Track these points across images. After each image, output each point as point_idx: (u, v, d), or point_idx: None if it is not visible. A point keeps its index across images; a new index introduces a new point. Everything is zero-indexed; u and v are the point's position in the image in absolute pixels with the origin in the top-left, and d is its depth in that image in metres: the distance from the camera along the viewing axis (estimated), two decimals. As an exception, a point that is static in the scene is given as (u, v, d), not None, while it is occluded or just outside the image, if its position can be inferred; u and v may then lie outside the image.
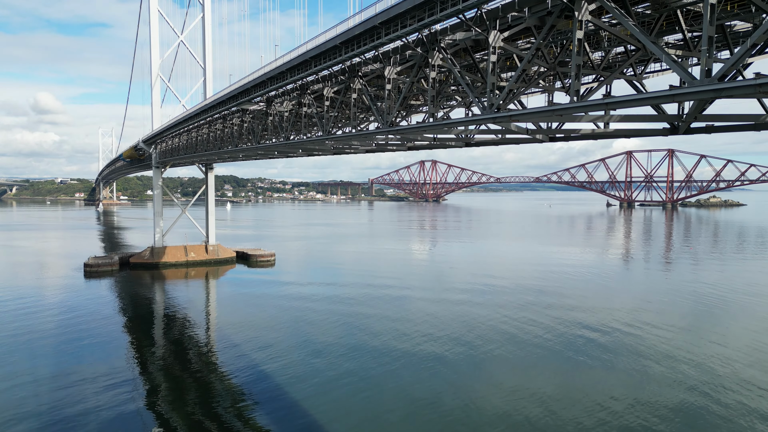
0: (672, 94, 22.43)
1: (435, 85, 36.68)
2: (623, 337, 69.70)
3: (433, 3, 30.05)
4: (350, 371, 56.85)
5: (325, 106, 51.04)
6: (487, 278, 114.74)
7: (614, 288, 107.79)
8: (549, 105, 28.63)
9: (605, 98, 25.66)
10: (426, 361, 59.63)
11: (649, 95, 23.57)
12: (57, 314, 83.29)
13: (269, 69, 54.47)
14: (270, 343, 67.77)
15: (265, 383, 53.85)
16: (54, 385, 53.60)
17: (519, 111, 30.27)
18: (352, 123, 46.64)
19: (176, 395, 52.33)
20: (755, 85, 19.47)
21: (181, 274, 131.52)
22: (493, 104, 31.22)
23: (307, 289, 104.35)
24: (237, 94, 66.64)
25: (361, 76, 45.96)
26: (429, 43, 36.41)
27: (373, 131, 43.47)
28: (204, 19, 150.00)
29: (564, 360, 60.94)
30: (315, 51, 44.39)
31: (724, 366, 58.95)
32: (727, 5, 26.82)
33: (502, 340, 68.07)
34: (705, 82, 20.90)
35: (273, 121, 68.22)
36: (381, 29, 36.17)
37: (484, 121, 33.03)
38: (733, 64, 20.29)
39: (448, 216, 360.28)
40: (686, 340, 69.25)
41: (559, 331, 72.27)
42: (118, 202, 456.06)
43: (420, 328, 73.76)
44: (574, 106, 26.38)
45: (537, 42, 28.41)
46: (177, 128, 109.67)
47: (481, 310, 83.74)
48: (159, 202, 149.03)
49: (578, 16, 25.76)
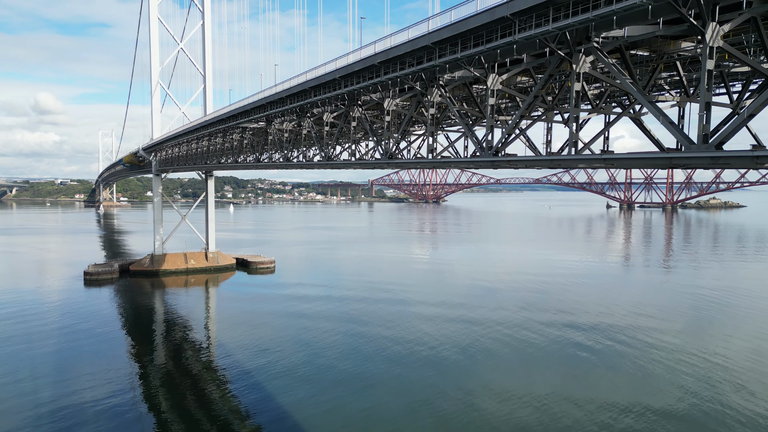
0: (669, 157, 22.54)
1: (433, 120, 36.80)
2: (625, 340, 69.94)
3: (431, 49, 30.10)
4: (348, 376, 57.60)
5: (324, 131, 51.16)
6: (488, 286, 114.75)
7: (614, 294, 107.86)
8: (547, 155, 28.73)
9: (603, 154, 25.74)
10: (434, 389, 59.82)
11: (647, 155, 23.68)
12: (56, 326, 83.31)
13: (269, 94, 54.61)
14: (268, 353, 68.41)
15: (263, 394, 54.45)
16: (54, 392, 54.58)
17: (516, 158, 30.37)
18: (352, 151, 46.80)
19: (175, 404, 53.05)
20: (752, 157, 19.59)
21: (181, 282, 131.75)
22: (491, 147, 31.34)
23: (306, 297, 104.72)
24: (237, 114, 66.76)
25: (361, 105, 46.07)
26: (428, 80, 36.49)
27: (373, 161, 43.64)
28: (204, 26, 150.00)
29: (565, 364, 61.22)
30: (314, 82, 44.52)
31: (724, 370, 59.32)
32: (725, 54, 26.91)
33: (503, 345, 68.44)
34: (702, 149, 21.02)
35: (273, 140, 68.32)
36: (380, 68, 36.24)
37: (482, 164, 33.15)
38: (730, 133, 20.40)
39: (448, 218, 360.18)
40: (688, 345, 69.53)
41: (560, 337, 72.47)
42: (118, 204, 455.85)
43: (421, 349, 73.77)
44: (572, 158, 26.48)
45: (536, 89, 28.48)
46: (177, 140, 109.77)
47: (487, 329, 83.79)
48: (159, 209, 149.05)
49: (576, 69, 25.85)
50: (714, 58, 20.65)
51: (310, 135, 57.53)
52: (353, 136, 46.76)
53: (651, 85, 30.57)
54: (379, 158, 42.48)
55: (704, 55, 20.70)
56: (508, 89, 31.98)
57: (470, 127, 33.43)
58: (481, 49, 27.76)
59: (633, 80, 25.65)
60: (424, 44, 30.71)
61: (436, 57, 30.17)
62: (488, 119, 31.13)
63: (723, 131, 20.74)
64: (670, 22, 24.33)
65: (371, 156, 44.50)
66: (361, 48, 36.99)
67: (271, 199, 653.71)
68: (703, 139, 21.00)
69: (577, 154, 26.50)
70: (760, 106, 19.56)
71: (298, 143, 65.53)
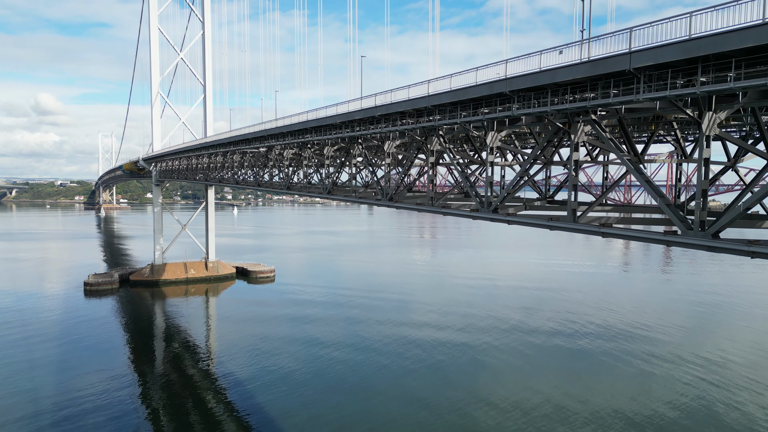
0: (667, 240, 22.82)
1: (433, 170, 37.11)
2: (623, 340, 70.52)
3: (431, 110, 30.34)
4: (346, 387, 58.61)
5: (325, 163, 51.51)
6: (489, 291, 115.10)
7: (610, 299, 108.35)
8: (547, 221, 28.96)
9: (601, 227, 26.03)
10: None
11: (646, 236, 23.97)
12: (57, 340, 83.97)
13: (270, 127, 54.94)
14: (266, 365, 69.93)
15: (260, 404, 55.47)
16: (55, 403, 55.65)
17: (515, 218, 30.65)
18: (352, 187, 47.13)
19: (174, 417, 54.12)
20: (749, 252, 19.87)
21: (181, 292, 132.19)
22: (491, 203, 31.63)
23: (305, 305, 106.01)
24: (237, 141, 67.04)
25: (361, 142, 46.33)
26: (428, 130, 36.71)
27: (374, 202, 43.91)
28: (204, 36, 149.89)
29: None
30: (314, 123, 44.80)
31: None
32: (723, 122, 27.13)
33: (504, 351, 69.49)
34: (699, 235, 21.31)
35: (274, 163, 68.60)
36: (380, 119, 36.49)
37: (481, 218, 33.44)
38: (726, 224, 20.68)
39: (448, 222, 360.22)
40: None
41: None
42: (118, 207, 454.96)
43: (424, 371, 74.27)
44: (570, 226, 26.77)
45: (533, 154, 28.80)
46: (177, 155, 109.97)
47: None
48: (159, 219, 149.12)
49: (574, 139, 26.10)
50: (710, 146, 20.95)
51: (311, 165, 57.91)
52: (354, 171, 47.06)
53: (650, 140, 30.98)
54: (380, 199, 42.73)
55: (700, 144, 20.97)
56: (507, 146, 32.29)
57: (472, 184, 33.69)
58: (479, 117, 28.04)
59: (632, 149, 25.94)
60: (424, 105, 30.97)
61: (436, 116, 30.41)
62: (487, 177, 31.43)
63: (721, 221, 21.02)
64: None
65: (374, 196, 44.59)
66: (361, 98, 37.21)
67: (271, 201, 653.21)
68: (700, 225, 21.32)
69: (576, 222, 26.82)
70: (756, 201, 19.86)
71: (299, 166, 65.87)
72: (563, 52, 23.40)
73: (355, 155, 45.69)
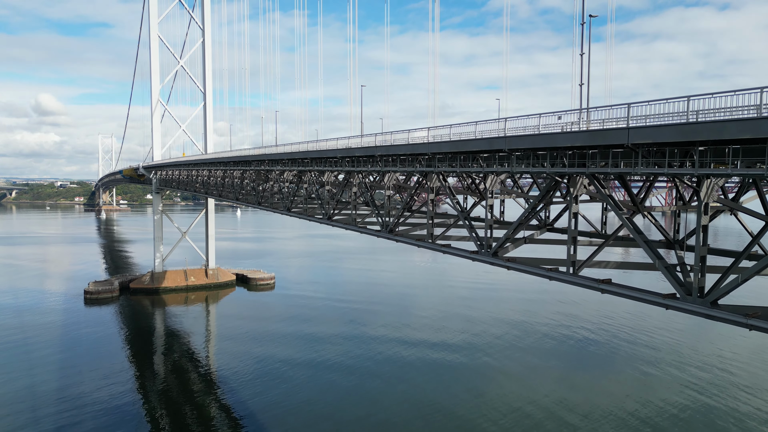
0: (666, 304, 22.92)
1: (433, 209, 37.11)
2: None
3: (431, 156, 30.42)
4: (345, 396, 59.16)
5: (325, 191, 51.62)
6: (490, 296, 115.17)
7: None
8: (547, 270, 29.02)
9: (600, 283, 26.10)
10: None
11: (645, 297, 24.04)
12: (57, 350, 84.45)
13: (270, 152, 55.16)
14: (265, 373, 70.69)
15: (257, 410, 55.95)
16: (55, 410, 56.20)
17: (515, 264, 30.72)
18: (352, 216, 47.22)
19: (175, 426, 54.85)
20: (747, 325, 19.96)
21: (181, 300, 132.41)
22: (491, 246, 31.72)
23: (305, 316, 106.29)
24: (238, 161, 67.15)
25: (361, 175, 46.39)
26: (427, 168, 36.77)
27: (374, 233, 43.97)
28: (204, 44, 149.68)
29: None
30: (315, 154, 44.92)
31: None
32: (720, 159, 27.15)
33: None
34: (698, 302, 21.40)
35: (275, 182, 68.66)
36: (379, 159, 36.58)
37: (480, 261, 33.52)
38: (725, 293, 20.77)
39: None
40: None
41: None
42: (118, 208, 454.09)
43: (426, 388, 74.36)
44: (568, 279, 26.84)
45: (533, 202, 28.90)
46: (176, 167, 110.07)
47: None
48: (159, 227, 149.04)
49: (573, 192, 26.17)
50: (709, 214, 21.01)
51: (310, 191, 58.08)
52: (354, 202, 47.18)
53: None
54: (380, 230, 42.84)
55: (699, 212, 21.03)
56: (506, 189, 32.38)
57: (471, 227, 33.76)
58: (478, 169, 28.13)
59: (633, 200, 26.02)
60: (424, 151, 31.04)
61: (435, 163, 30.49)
62: (487, 220, 31.51)
63: (720, 290, 21.11)
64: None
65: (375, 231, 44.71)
66: (362, 136, 37.32)
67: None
68: (698, 291, 21.41)
69: (574, 275, 26.93)
70: (754, 273, 19.96)
71: (300, 186, 66.02)
72: (562, 117, 23.48)
73: (354, 184, 45.76)
